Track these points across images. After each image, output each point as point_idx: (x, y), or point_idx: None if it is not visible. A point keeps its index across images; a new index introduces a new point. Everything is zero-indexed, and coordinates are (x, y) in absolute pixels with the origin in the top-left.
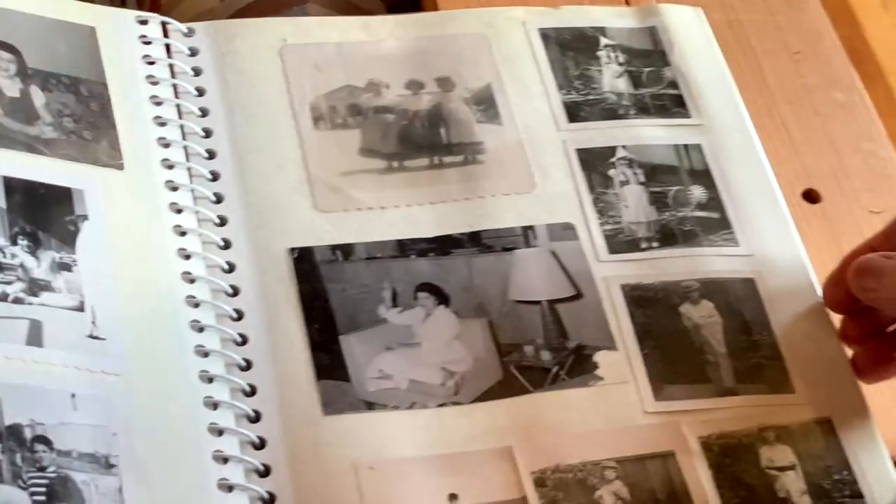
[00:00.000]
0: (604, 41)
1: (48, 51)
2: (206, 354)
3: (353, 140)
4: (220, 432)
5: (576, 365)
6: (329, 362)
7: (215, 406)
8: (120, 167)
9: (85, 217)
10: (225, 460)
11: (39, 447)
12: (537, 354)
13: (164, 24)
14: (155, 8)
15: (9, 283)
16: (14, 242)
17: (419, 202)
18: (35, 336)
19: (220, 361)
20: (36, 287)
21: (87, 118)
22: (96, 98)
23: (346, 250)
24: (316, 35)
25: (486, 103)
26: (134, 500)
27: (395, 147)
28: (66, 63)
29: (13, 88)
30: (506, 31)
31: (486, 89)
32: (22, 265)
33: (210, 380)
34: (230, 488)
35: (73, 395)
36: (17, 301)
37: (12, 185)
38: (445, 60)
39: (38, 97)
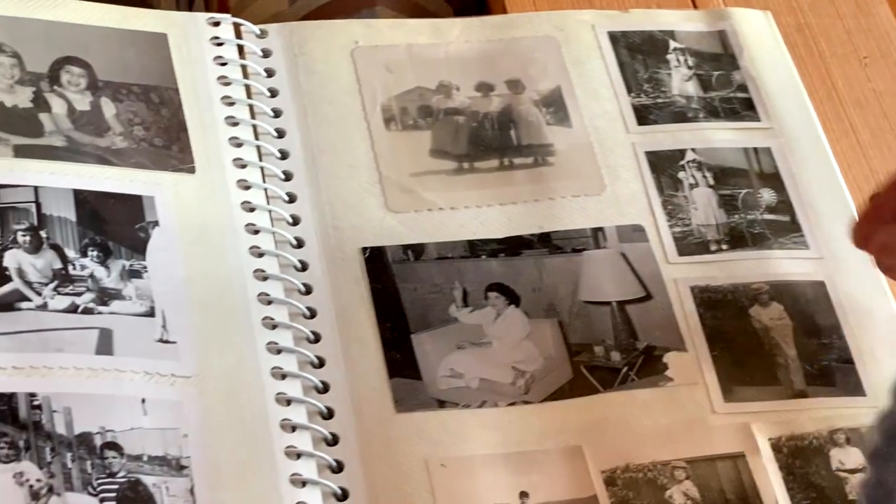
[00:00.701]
0: (673, 44)
1: (119, 61)
2: (279, 351)
3: (423, 141)
4: (293, 428)
5: (645, 365)
6: (401, 360)
7: (288, 402)
8: (191, 170)
9: (155, 223)
10: (298, 456)
11: (109, 453)
12: (607, 355)
13: (237, 25)
14: (223, 11)
15: (79, 294)
16: (84, 254)
17: (489, 203)
18: (105, 344)
19: (293, 356)
20: (106, 296)
21: (158, 125)
22: (167, 104)
23: (417, 250)
24: (387, 37)
25: (555, 105)
26: (206, 500)
27: (465, 148)
28: (137, 72)
29: (83, 102)
30: (575, 33)
31: (556, 92)
32: (92, 275)
33: (283, 377)
34: (303, 483)
35: (143, 401)
36: (87, 311)
37: (82, 197)
38: (515, 63)
39: (108, 108)
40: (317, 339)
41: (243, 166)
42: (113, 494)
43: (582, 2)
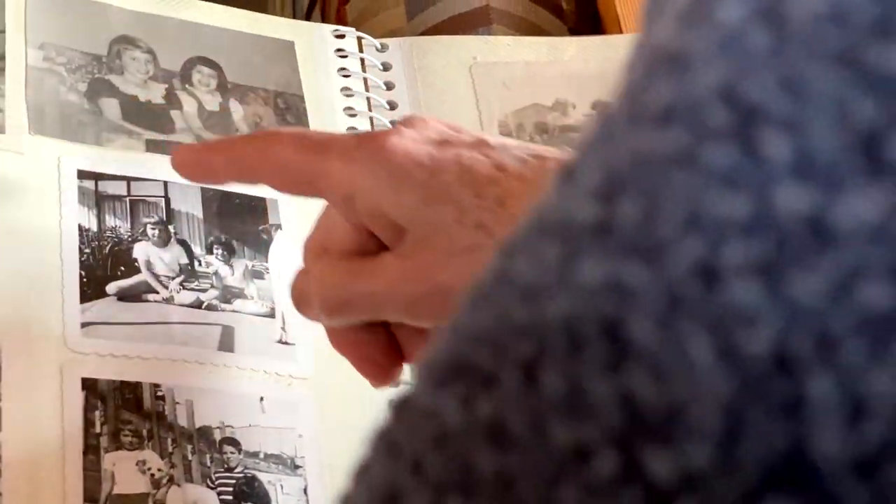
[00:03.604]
0: None
1: (248, 65)
2: None
3: None
4: None
5: None
6: None
7: None
8: None
9: (278, 226)
10: None
11: (228, 448)
12: None
13: (357, 38)
14: (341, 24)
15: (203, 290)
16: (210, 251)
17: None
18: (227, 341)
19: (407, 367)
20: (229, 294)
21: None
22: (292, 110)
23: None
24: (504, 54)
25: None
26: (319, 500)
27: None
28: (265, 76)
29: (213, 102)
30: None
31: None
32: (216, 273)
33: (397, 384)
34: None
35: (261, 399)
36: (211, 308)
37: (209, 195)
38: None
39: (236, 110)
40: None
41: None
42: (230, 489)
43: None
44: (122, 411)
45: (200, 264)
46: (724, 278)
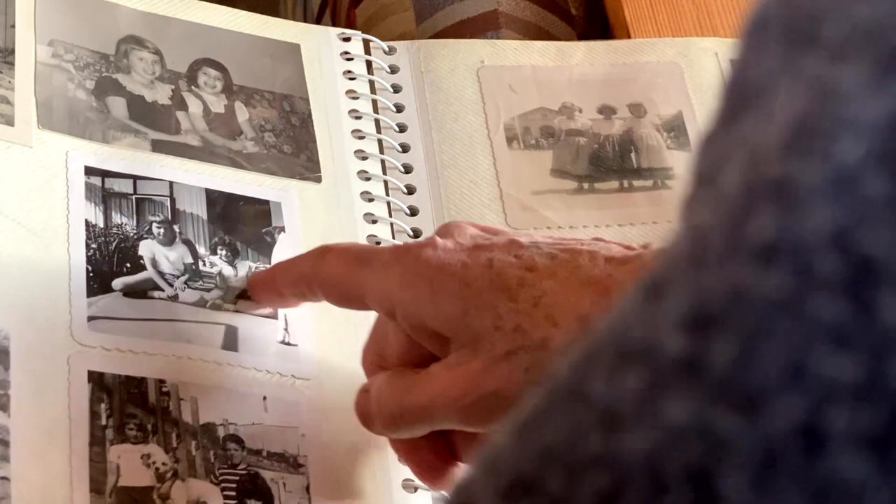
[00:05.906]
0: None
1: (254, 67)
2: None
3: (545, 161)
4: None
5: None
6: None
7: None
8: (318, 180)
9: (282, 229)
10: None
11: (231, 445)
12: None
13: (366, 42)
14: (351, 28)
15: (208, 290)
16: (214, 252)
17: (608, 223)
18: (231, 341)
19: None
20: (233, 295)
21: (288, 133)
22: (297, 113)
23: None
24: (512, 58)
25: (676, 130)
26: (321, 499)
27: (585, 169)
28: (270, 79)
29: (219, 104)
30: (698, 60)
31: (678, 117)
32: (220, 273)
33: None
34: (415, 489)
35: (264, 398)
36: (215, 307)
37: (214, 197)
38: (637, 87)
39: (241, 113)
40: None
41: (367, 179)
42: (234, 485)
43: (705, 29)
44: (127, 405)
45: (205, 264)
46: (830, 445)
